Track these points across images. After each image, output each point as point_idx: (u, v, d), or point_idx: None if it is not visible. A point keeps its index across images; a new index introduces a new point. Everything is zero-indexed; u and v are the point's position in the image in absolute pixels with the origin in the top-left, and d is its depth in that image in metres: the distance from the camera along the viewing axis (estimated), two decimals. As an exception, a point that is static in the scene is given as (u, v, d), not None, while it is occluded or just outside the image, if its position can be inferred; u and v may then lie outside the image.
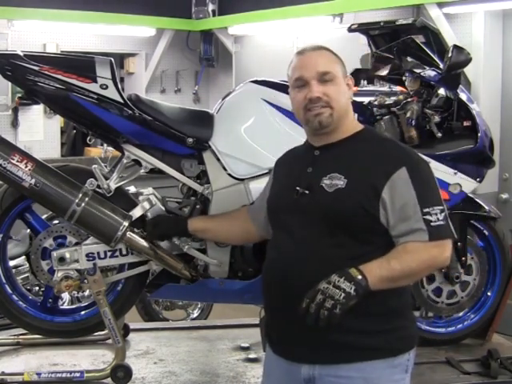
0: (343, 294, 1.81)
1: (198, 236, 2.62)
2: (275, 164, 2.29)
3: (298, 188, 2.04)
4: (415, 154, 2.07)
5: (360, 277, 1.84)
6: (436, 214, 1.94)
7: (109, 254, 2.71)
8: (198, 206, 2.76)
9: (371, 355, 1.96)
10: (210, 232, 2.56)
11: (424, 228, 1.92)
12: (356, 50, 4.87)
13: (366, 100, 2.97)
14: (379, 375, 1.97)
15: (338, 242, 1.96)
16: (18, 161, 2.59)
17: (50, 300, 2.88)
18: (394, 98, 3.01)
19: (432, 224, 1.92)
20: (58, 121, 7.26)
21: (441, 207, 1.96)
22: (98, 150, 6.60)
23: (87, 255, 2.69)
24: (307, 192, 2.02)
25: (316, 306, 1.81)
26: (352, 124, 2.11)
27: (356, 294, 1.82)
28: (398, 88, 3.12)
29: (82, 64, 2.65)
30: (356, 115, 2.85)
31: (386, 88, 3.16)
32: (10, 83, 3.18)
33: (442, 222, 1.94)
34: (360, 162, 2.01)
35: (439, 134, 2.94)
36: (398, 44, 2.99)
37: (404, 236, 1.94)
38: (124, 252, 2.72)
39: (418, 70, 2.94)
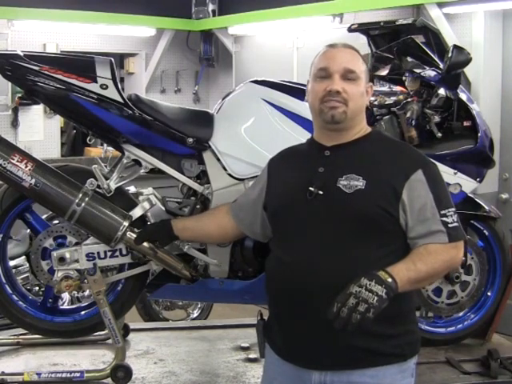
0: (376, 298, 1.78)
1: (181, 237, 2.55)
2: (269, 163, 2.25)
3: (311, 188, 2.00)
4: (426, 156, 2.10)
5: (390, 279, 1.82)
6: (451, 216, 1.97)
7: (109, 254, 2.71)
8: (198, 206, 2.76)
9: (385, 360, 1.96)
10: (189, 230, 2.52)
11: (443, 230, 1.94)
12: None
13: (365, 100, 2.96)
14: (391, 381, 1.97)
15: (356, 244, 1.95)
16: (18, 161, 2.59)
17: (50, 300, 2.88)
18: (393, 98, 3.01)
19: (449, 225, 1.95)
20: (58, 121, 7.26)
21: (453, 209, 1.99)
22: (98, 150, 6.60)
23: (87, 255, 2.69)
24: (321, 193, 1.99)
25: (348, 310, 1.77)
26: (363, 127, 2.10)
27: (387, 297, 1.80)
28: (398, 88, 3.12)
29: (81, 64, 2.65)
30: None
31: (386, 88, 3.16)
32: (9, 83, 3.18)
33: (456, 224, 1.98)
34: (376, 162, 2.01)
35: (439, 134, 2.94)
36: (398, 44, 2.99)
37: (423, 238, 1.95)
38: (124, 252, 2.72)
39: (418, 70, 2.94)
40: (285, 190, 2.10)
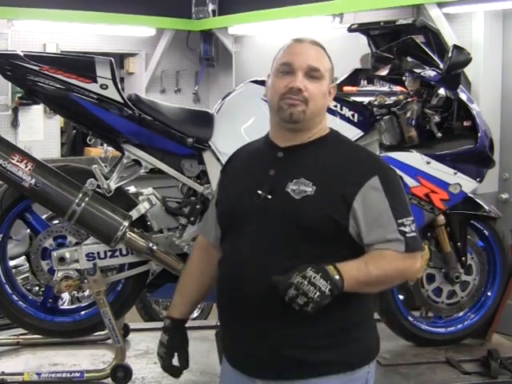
0: (318, 293, 1.69)
1: (191, 314, 2.30)
2: (227, 160, 2.14)
3: (259, 192, 1.90)
4: (385, 162, 2.02)
5: (337, 277, 1.73)
6: (410, 225, 1.88)
7: (109, 253, 2.72)
8: (197, 206, 2.76)
9: (328, 370, 1.86)
10: (196, 301, 2.26)
11: (401, 238, 1.85)
12: (356, 50, 4.86)
13: (365, 100, 2.97)
14: None
15: (299, 253, 1.84)
16: (18, 161, 2.59)
17: (50, 300, 2.88)
18: (393, 98, 3.01)
19: (407, 235, 1.86)
20: (58, 121, 7.25)
21: (412, 218, 1.91)
22: (98, 150, 6.60)
23: (87, 255, 2.70)
24: (269, 197, 1.89)
25: (288, 300, 1.71)
26: (321, 128, 1.99)
27: (330, 294, 1.71)
28: (398, 88, 3.12)
29: (81, 64, 2.65)
30: (356, 115, 2.87)
31: (385, 88, 3.16)
32: (9, 83, 3.17)
33: (414, 234, 1.89)
34: (329, 168, 1.91)
35: (439, 134, 2.94)
36: (398, 44, 2.99)
37: (379, 244, 1.86)
38: (124, 252, 2.73)
39: (418, 70, 2.94)
40: (235, 192, 2.00)
